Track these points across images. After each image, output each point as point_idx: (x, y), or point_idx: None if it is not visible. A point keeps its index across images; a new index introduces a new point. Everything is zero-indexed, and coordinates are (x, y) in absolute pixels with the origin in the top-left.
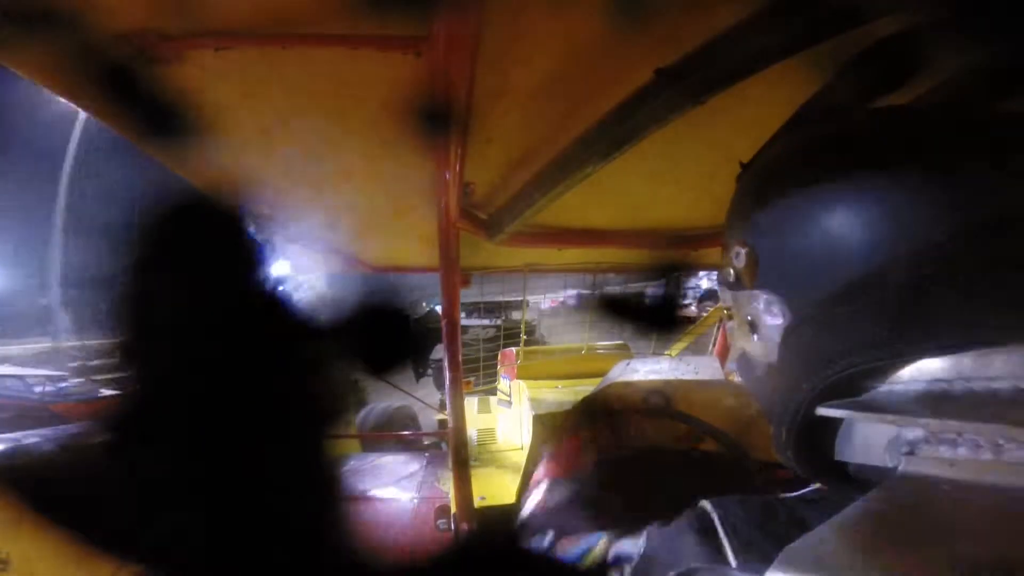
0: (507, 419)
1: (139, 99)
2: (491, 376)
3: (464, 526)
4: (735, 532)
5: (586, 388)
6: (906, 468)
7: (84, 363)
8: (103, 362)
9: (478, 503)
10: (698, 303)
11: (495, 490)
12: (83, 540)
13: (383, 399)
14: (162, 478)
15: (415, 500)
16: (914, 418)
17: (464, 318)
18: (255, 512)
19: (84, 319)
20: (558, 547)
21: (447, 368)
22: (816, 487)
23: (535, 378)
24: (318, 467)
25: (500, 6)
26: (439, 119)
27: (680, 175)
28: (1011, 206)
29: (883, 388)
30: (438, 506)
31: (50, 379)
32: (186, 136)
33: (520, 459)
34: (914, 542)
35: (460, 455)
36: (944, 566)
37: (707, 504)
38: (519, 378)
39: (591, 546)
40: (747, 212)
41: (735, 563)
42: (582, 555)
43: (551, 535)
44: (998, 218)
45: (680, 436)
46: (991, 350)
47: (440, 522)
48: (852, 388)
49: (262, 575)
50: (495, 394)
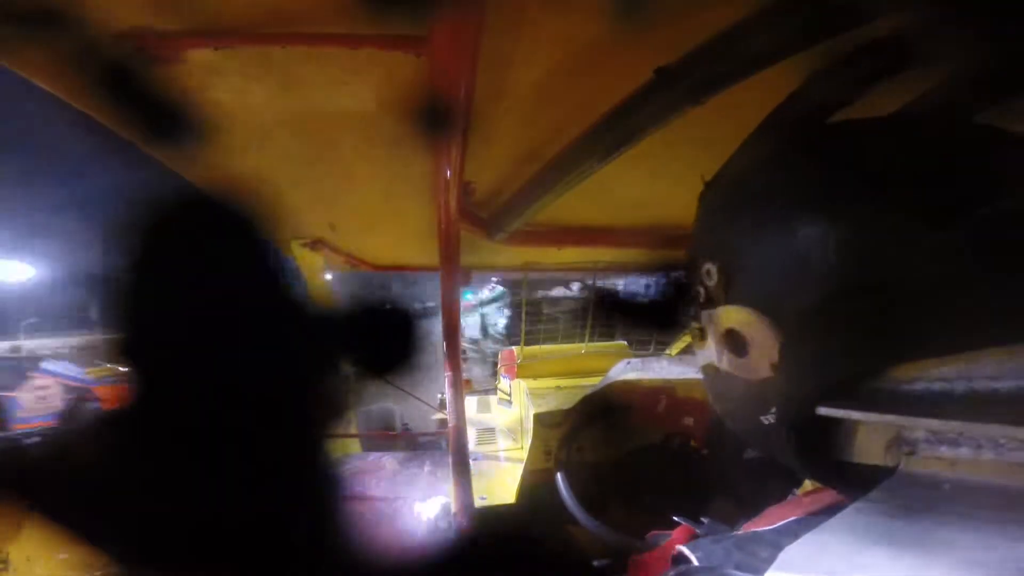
0: (507, 418)
1: (139, 99)
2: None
3: (464, 526)
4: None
5: (586, 387)
6: (906, 468)
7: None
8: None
9: (478, 503)
10: None
11: (495, 490)
12: (83, 540)
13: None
14: (162, 478)
15: (415, 500)
16: (914, 418)
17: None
18: (255, 512)
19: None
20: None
21: (447, 368)
22: (795, 519)
23: (535, 377)
24: (318, 467)
25: (500, 6)
26: (439, 119)
27: (680, 175)
28: (1005, 207)
29: (883, 388)
30: (438, 506)
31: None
32: (186, 135)
33: (520, 459)
34: (914, 543)
35: (460, 455)
36: (945, 567)
37: (684, 549)
38: (519, 377)
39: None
40: (716, 229)
41: None
42: None
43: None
44: (992, 219)
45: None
46: (991, 350)
47: (440, 522)
48: (852, 388)
49: (262, 574)
50: (495, 393)
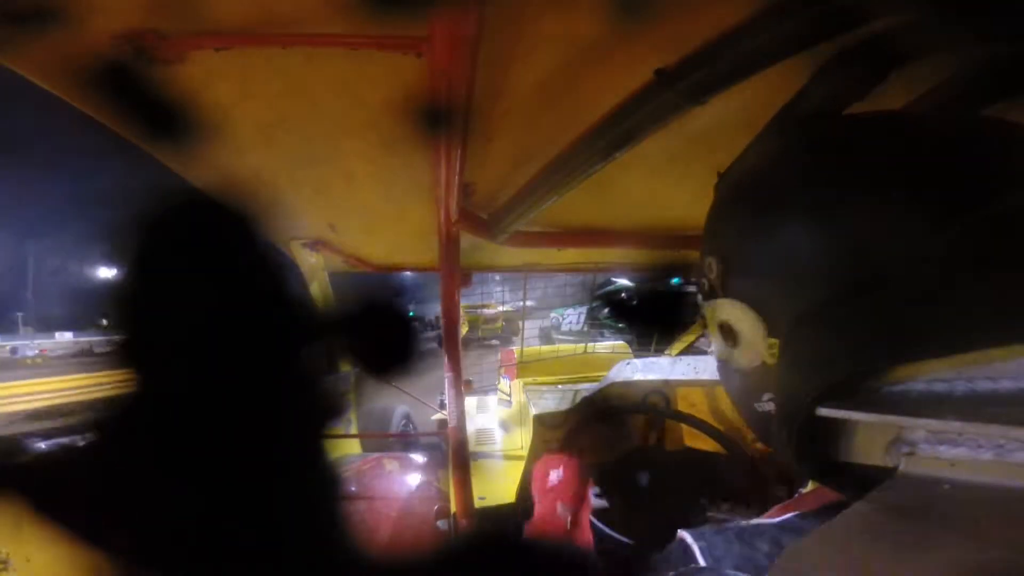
0: (507, 419)
1: (139, 99)
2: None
3: (464, 526)
4: (715, 558)
5: (587, 388)
6: (906, 468)
7: None
8: None
9: (478, 503)
10: None
11: (495, 490)
12: (82, 540)
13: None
14: (162, 477)
15: (415, 500)
16: (914, 418)
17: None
18: (254, 512)
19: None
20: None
21: (447, 368)
22: (796, 513)
23: (535, 378)
24: (318, 467)
25: (500, 6)
26: (439, 119)
27: (680, 175)
28: (1006, 207)
29: (883, 388)
30: (438, 506)
31: None
32: (186, 136)
33: (520, 459)
34: (914, 544)
35: (460, 455)
36: (945, 568)
37: (687, 535)
38: (519, 378)
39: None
40: (721, 222)
41: None
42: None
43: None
44: (994, 219)
45: (677, 437)
46: (991, 350)
47: (440, 522)
48: (852, 388)
49: (262, 575)
50: (495, 393)
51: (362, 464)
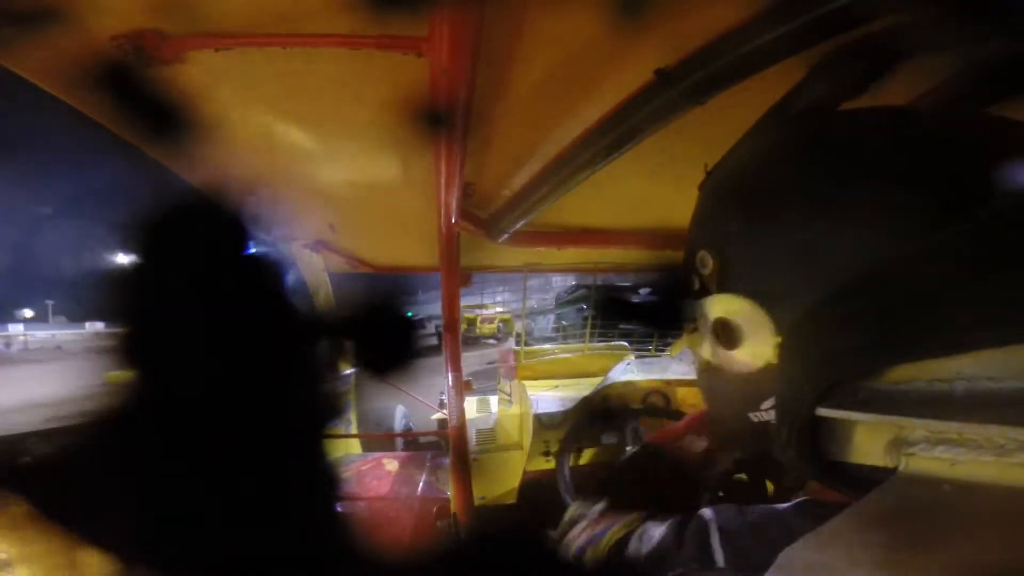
0: (507, 419)
1: (139, 99)
2: None
3: (464, 526)
4: (729, 540)
5: (587, 388)
6: (906, 468)
7: None
8: None
9: (478, 503)
10: None
11: (495, 490)
12: (82, 540)
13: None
14: (161, 477)
15: (415, 500)
16: (914, 418)
17: None
18: (254, 512)
19: None
20: (564, 541)
21: (447, 368)
22: (810, 499)
23: (535, 378)
24: (318, 466)
25: (500, 6)
26: (439, 119)
27: (680, 175)
28: (1006, 205)
29: (883, 388)
30: (438, 506)
31: None
32: (186, 136)
33: (520, 459)
34: (914, 544)
35: (460, 455)
36: (945, 568)
37: (706, 512)
38: (519, 378)
39: (597, 539)
40: (714, 218)
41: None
42: (586, 547)
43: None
44: (994, 217)
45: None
46: (991, 350)
47: (440, 522)
48: (852, 388)
49: (262, 575)
50: (495, 393)
51: (362, 464)
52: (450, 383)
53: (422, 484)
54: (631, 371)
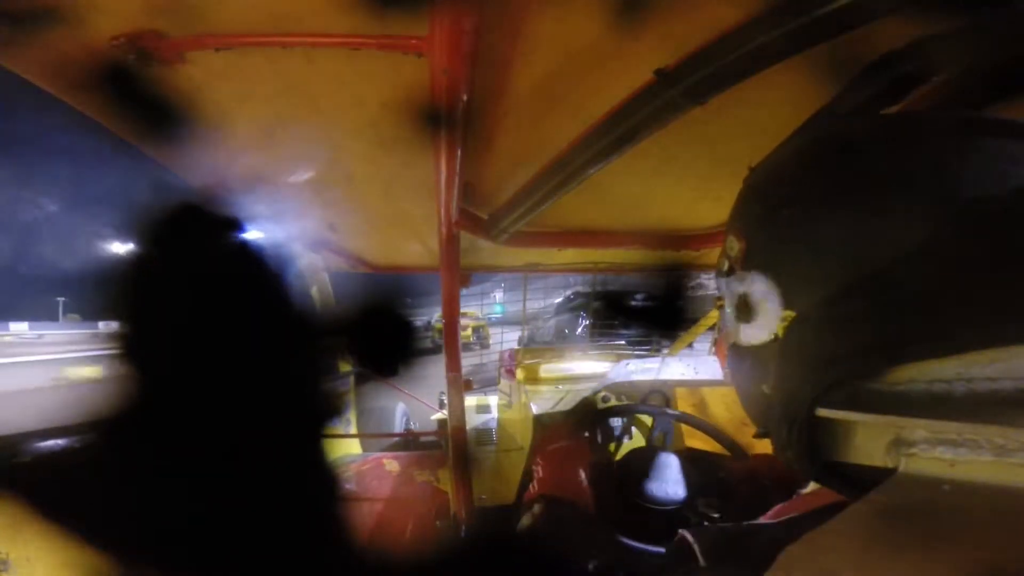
0: (507, 419)
1: (139, 99)
2: None
3: (464, 526)
4: (715, 561)
5: (586, 388)
6: (906, 468)
7: None
8: None
9: (478, 503)
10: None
11: (495, 490)
12: (82, 540)
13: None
14: (161, 477)
15: (415, 500)
16: (914, 418)
17: None
18: (254, 512)
19: None
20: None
21: (447, 368)
22: (797, 513)
23: (535, 378)
24: (317, 466)
25: (500, 6)
26: (439, 119)
27: (680, 175)
28: (1012, 207)
29: (883, 388)
30: (438, 506)
31: None
32: (186, 136)
33: (520, 459)
34: (914, 544)
35: (460, 455)
36: (944, 568)
37: (687, 534)
38: (519, 378)
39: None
40: (745, 206)
41: None
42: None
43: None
44: (998, 219)
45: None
46: (991, 350)
47: (440, 522)
48: (852, 389)
49: (262, 574)
50: (495, 393)
51: (362, 464)
52: (450, 383)
53: (422, 484)
54: (631, 371)
